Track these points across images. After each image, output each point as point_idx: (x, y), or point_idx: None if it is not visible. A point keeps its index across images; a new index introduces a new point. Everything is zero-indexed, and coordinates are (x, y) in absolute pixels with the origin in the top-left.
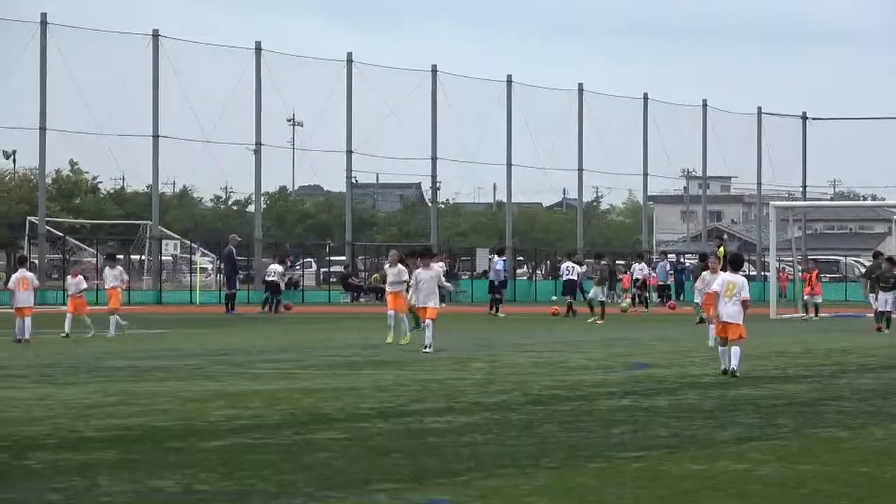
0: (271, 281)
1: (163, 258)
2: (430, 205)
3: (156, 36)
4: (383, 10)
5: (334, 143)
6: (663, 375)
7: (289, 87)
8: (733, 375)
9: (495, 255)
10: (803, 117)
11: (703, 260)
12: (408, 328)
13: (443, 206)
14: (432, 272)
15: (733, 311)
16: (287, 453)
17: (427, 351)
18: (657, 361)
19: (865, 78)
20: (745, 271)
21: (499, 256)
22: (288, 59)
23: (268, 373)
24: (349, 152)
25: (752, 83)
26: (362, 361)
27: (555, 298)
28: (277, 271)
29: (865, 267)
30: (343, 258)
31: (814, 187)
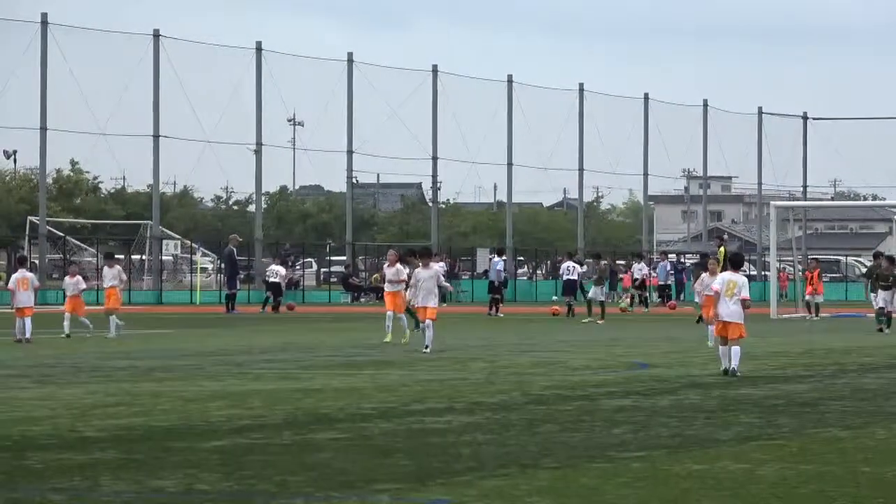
0: (273, 282)
1: (163, 258)
2: (430, 205)
3: (156, 36)
4: (384, 10)
5: (335, 143)
6: (664, 375)
7: (289, 86)
8: (734, 375)
9: (495, 256)
10: (804, 117)
11: (703, 259)
12: (406, 327)
13: (443, 206)
14: (431, 271)
15: (734, 310)
16: (288, 453)
17: (427, 351)
18: (658, 361)
19: (866, 78)
20: (745, 271)
21: (499, 256)
22: (289, 58)
23: (268, 373)
24: (350, 152)
25: (752, 83)
26: (363, 361)
27: (555, 298)
28: (281, 274)
29: (866, 267)
30: (343, 258)
31: (814, 187)
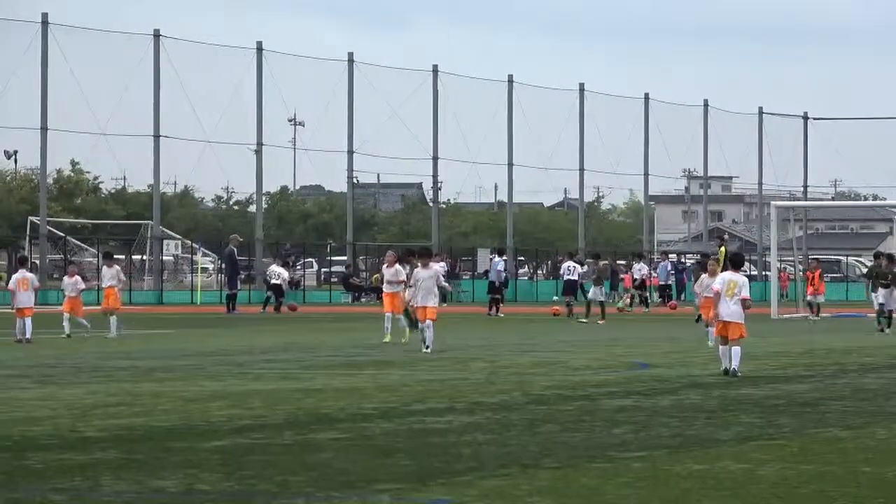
0: (275, 283)
1: (164, 258)
2: (431, 205)
3: (157, 36)
4: (384, 10)
5: (335, 143)
6: (665, 375)
7: (290, 86)
8: (734, 375)
9: (496, 256)
10: (804, 117)
11: (704, 259)
12: (406, 326)
13: (444, 206)
14: (431, 271)
15: (734, 310)
16: (289, 453)
17: (427, 351)
18: (658, 361)
19: (866, 78)
20: (745, 271)
21: (499, 257)
22: (289, 58)
23: (269, 373)
24: (350, 152)
25: (752, 83)
26: (364, 361)
27: (556, 298)
28: (283, 276)
29: (866, 267)
30: (344, 258)
31: (815, 187)
